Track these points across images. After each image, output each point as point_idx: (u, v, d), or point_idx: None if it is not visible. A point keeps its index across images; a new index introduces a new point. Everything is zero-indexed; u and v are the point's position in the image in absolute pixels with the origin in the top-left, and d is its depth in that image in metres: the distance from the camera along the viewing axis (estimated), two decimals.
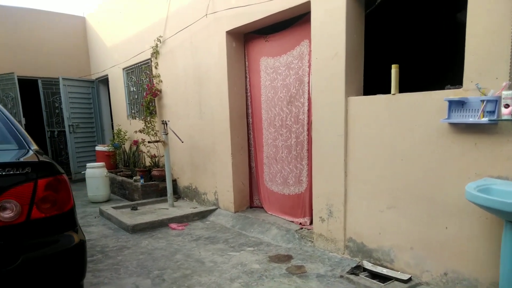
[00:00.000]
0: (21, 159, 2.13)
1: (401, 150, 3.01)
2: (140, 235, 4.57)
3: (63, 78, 8.41)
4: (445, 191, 2.75)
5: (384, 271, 3.15)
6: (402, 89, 3.07)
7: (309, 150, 4.18)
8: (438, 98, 2.71)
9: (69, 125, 8.61)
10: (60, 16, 9.22)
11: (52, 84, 8.87)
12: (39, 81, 8.77)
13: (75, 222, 2.25)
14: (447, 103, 2.61)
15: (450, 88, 2.72)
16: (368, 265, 3.30)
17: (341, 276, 3.20)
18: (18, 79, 8.07)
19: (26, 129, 2.64)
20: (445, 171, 2.74)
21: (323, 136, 3.64)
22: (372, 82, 3.82)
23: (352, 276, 3.15)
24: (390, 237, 3.18)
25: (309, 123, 4.12)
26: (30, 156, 2.22)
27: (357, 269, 3.27)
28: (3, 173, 1.87)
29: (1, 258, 1.86)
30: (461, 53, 2.59)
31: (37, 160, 2.05)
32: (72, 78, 8.82)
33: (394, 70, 3.04)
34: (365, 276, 3.16)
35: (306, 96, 4.14)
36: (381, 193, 3.20)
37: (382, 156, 3.16)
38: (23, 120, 8.19)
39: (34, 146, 2.37)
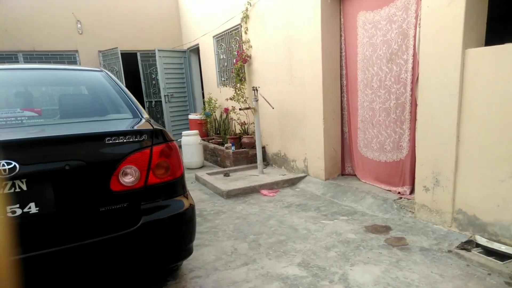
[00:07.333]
0: (135, 127, 2.23)
1: None
2: (234, 200, 4.72)
3: (158, 50, 8.93)
4: None
5: (502, 248, 2.78)
6: None
7: (412, 113, 3.81)
8: None
9: (164, 95, 9.17)
10: None
11: (149, 56, 9.48)
12: (138, 54, 9.42)
13: (185, 188, 2.33)
14: None
15: None
16: (481, 240, 2.95)
17: (450, 251, 2.92)
18: (120, 53, 8.73)
19: None
20: None
21: (431, 96, 3.25)
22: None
23: (462, 252, 2.84)
24: None
25: (413, 82, 3.72)
26: (143, 124, 2.32)
27: (469, 244, 2.94)
28: (124, 141, 1.98)
29: (126, 219, 2.02)
30: None
31: (151, 127, 2.12)
32: (166, 49, 9.31)
33: None
34: (478, 252, 2.83)
35: (410, 52, 3.72)
36: (503, 160, 2.77)
37: (506, 118, 2.71)
38: None
39: (146, 115, 2.50)
